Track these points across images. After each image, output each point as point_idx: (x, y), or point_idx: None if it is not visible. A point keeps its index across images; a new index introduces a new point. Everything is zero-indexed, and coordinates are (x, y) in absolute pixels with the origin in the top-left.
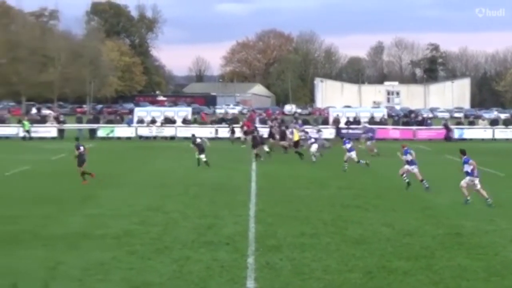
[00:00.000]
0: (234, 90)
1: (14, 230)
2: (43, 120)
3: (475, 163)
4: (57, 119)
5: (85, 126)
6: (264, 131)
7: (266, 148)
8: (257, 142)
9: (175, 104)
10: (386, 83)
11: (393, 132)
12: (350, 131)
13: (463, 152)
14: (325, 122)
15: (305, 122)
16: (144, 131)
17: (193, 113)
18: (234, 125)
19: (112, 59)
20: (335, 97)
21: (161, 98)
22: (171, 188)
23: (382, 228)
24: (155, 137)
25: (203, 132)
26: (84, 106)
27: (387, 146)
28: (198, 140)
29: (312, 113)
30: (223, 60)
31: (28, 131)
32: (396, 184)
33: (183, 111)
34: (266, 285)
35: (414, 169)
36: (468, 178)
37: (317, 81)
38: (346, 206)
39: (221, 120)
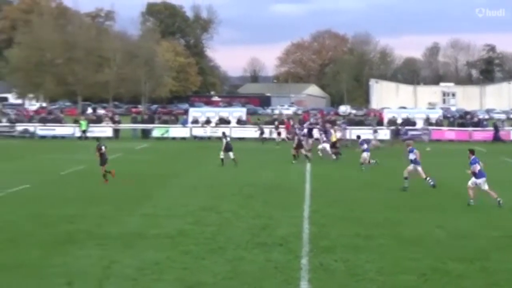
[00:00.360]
0: (289, 91)
1: (69, 230)
2: (98, 120)
3: (483, 164)
4: (112, 119)
5: (140, 126)
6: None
7: (303, 151)
8: (300, 143)
9: (229, 104)
10: (442, 84)
11: (449, 133)
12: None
13: (472, 152)
14: (380, 123)
15: (359, 123)
16: (198, 131)
17: (248, 114)
18: (279, 126)
19: (167, 60)
20: (390, 98)
21: (215, 98)
22: (225, 188)
23: (436, 229)
24: (209, 138)
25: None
26: (139, 106)
27: (442, 147)
28: (227, 139)
29: (367, 114)
30: (278, 60)
31: (84, 131)
32: (448, 185)
33: (238, 112)
34: (320, 286)
35: (418, 168)
36: (474, 178)
37: (372, 82)
38: (399, 208)
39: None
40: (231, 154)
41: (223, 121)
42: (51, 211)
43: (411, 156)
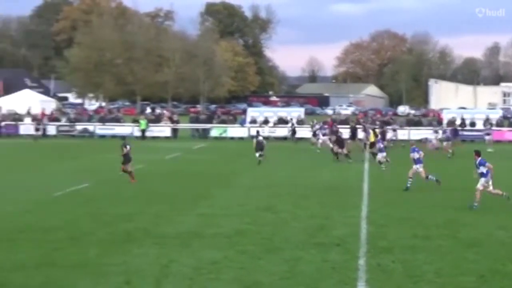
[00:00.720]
0: (347, 91)
1: (128, 228)
2: (157, 119)
3: (491, 165)
4: (171, 119)
5: (199, 126)
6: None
7: (345, 151)
8: (341, 142)
9: (288, 104)
10: (503, 84)
11: (509, 134)
12: (465, 132)
13: (478, 154)
14: (439, 123)
15: (417, 123)
16: (253, 131)
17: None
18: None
19: (225, 60)
20: (449, 99)
21: (274, 98)
22: (282, 188)
23: (496, 231)
24: (267, 138)
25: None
26: (198, 106)
27: (503, 148)
28: (260, 138)
29: (426, 115)
30: (336, 60)
31: (143, 130)
32: (510, 186)
33: (296, 112)
34: (377, 287)
35: (419, 168)
36: (483, 179)
37: (431, 82)
38: (458, 209)
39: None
40: (262, 153)
41: (282, 121)
42: (110, 210)
43: (415, 156)
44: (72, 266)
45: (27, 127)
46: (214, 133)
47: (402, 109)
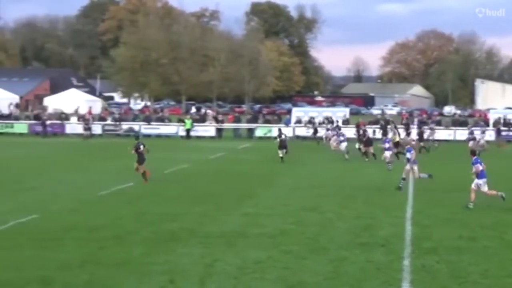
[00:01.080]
0: (393, 91)
1: (172, 228)
2: (202, 119)
3: (485, 165)
4: (216, 119)
5: (243, 125)
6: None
7: (371, 150)
8: (369, 141)
9: (333, 104)
10: None
11: None
12: (511, 133)
13: (473, 153)
14: (485, 124)
15: (463, 124)
16: (301, 131)
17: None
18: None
19: (271, 59)
20: (495, 99)
21: (319, 98)
22: (327, 188)
23: None
24: (321, 138)
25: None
26: (243, 105)
27: None
28: (283, 137)
29: (472, 115)
30: (382, 60)
31: (188, 130)
32: None
33: (341, 112)
34: None
35: (414, 167)
36: (476, 181)
37: (478, 82)
38: (506, 210)
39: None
40: (284, 151)
41: (328, 121)
42: (154, 209)
43: (408, 156)
44: (116, 265)
45: (73, 126)
46: (259, 133)
47: (448, 109)
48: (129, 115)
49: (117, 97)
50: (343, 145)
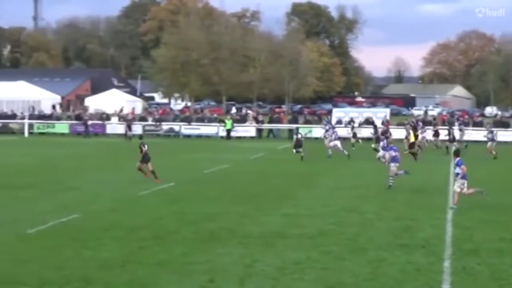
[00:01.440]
0: (434, 92)
1: (212, 228)
2: (242, 119)
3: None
4: (256, 119)
5: (283, 126)
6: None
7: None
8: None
9: (373, 105)
10: None
11: None
12: None
13: (456, 154)
14: None
15: (505, 125)
16: (342, 131)
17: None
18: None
19: (311, 60)
20: None
21: (359, 99)
22: (367, 189)
23: None
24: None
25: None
26: (283, 106)
27: None
28: (299, 136)
29: None
30: (423, 61)
31: (229, 130)
32: None
33: (382, 112)
34: None
35: (394, 166)
36: (460, 181)
37: None
38: None
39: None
40: (300, 150)
41: (368, 122)
42: (195, 209)
43: (392, 154)
44: (157, 265)
45: (114, 127)
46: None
47: (490, 110)
48: (169, 115)
49: (158, 98)
50: (337, 142)
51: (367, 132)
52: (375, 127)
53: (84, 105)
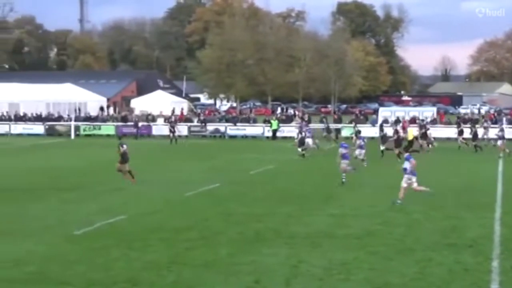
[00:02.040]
0: (481, 90)
1: (258, 228)
2: (288, 119)
3: (415, 162)
4: (302, 119)
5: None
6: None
7: (396, 151)
8: (398, 140)
9: (419, 104)
10: None
11: None
12: None
13: (406, 150)
14: None
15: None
16: (389, 131)
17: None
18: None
19: (357, 59)
20: None
21: (405, 98)
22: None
23: None
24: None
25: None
26: (329, 106)
27: None
28: (302, 134)
29: None
30: (470, 59)
31: (275, 131)
32: None
33: (428, 111)
34: None
35: (343, 163)
36: (406, 176)
37: None
38: None
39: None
40: (303, 147)
41: (414, 121)
42: (240, 209)
43: (342, 151)
44: (203, 265)
45: (160, 128)
46: (345, 133)
47: None
48: (214, 116)
49: (203, 99)
50: (309, 140)
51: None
52: (381, 126)
53: (130, 106)
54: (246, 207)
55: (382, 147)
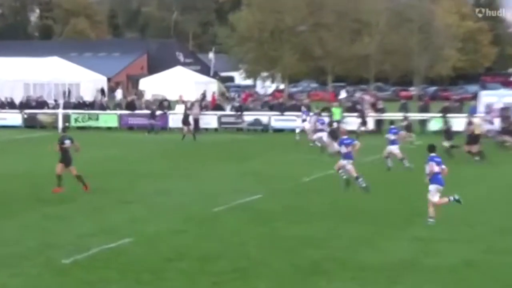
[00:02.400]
0: None
1: (314, 257)
2: (355, 107)
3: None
4: (374, 106)
5: (410, 115)
6: None
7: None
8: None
9: None
10: None
11: None
12: None
13: (431, 149)
14: None
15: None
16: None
17: None
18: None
19: (449, 25)
20: None
21: None
22: None
23: None
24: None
25: None
26: (411, 88)
27: None
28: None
29: None
30: None
31: (338, 122)
32: None
33: None
34: None
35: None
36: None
37: None
38: None
39: None
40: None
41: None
42: (290, 231)
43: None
44: None
45: (179, 119)
46: (433, 126)
47: None
48: (255, 103)
49: (239, 78)
50: (321, 135)
51: None
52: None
53: (139, 89)
54: (298, 228)
55: (446, 144)
